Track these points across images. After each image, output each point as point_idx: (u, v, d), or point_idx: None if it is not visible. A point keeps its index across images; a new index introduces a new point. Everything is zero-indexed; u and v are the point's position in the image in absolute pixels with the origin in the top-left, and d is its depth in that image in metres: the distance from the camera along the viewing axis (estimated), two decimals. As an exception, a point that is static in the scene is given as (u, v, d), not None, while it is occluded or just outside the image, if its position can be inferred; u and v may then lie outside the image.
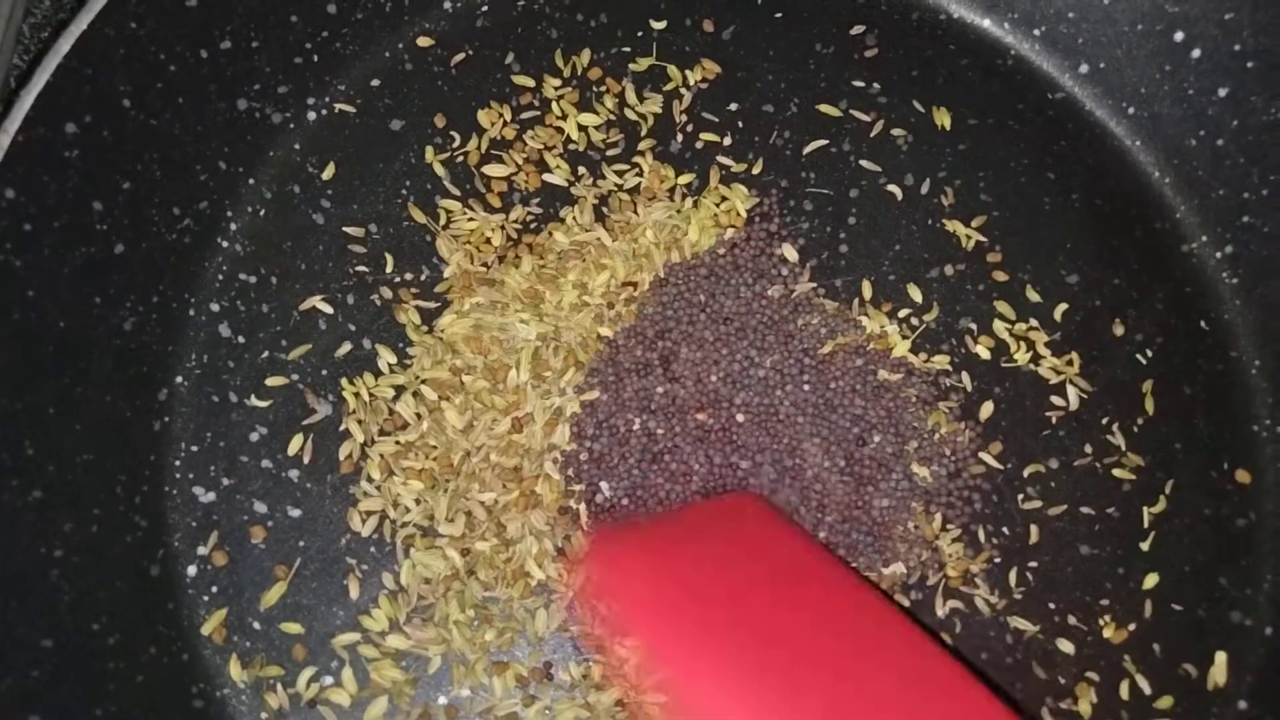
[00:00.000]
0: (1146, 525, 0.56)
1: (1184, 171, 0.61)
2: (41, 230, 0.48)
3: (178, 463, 0.53)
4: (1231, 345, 0.59)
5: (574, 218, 0.58)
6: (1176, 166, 0.61)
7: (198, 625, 0.52)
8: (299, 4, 0.57)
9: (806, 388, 0.56)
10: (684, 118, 0.61)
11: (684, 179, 0.59)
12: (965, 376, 0.57)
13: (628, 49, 0.62)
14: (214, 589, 0.52)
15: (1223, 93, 0.59)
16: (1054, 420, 0.57)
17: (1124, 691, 0.53)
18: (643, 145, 0.60)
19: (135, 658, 0.49)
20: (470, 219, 0.58)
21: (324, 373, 0.55)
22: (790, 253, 0.58)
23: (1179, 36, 0.60)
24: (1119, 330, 0.59)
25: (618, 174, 0.59)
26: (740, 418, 0.55)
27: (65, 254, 0.49)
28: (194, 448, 0.54)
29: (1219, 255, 0.60)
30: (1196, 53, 0.59)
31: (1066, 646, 0.54)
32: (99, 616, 0.48)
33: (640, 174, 0.59)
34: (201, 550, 0.52)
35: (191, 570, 0.52)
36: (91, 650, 0.47)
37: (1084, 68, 0.63)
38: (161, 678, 0.50)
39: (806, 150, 0.61)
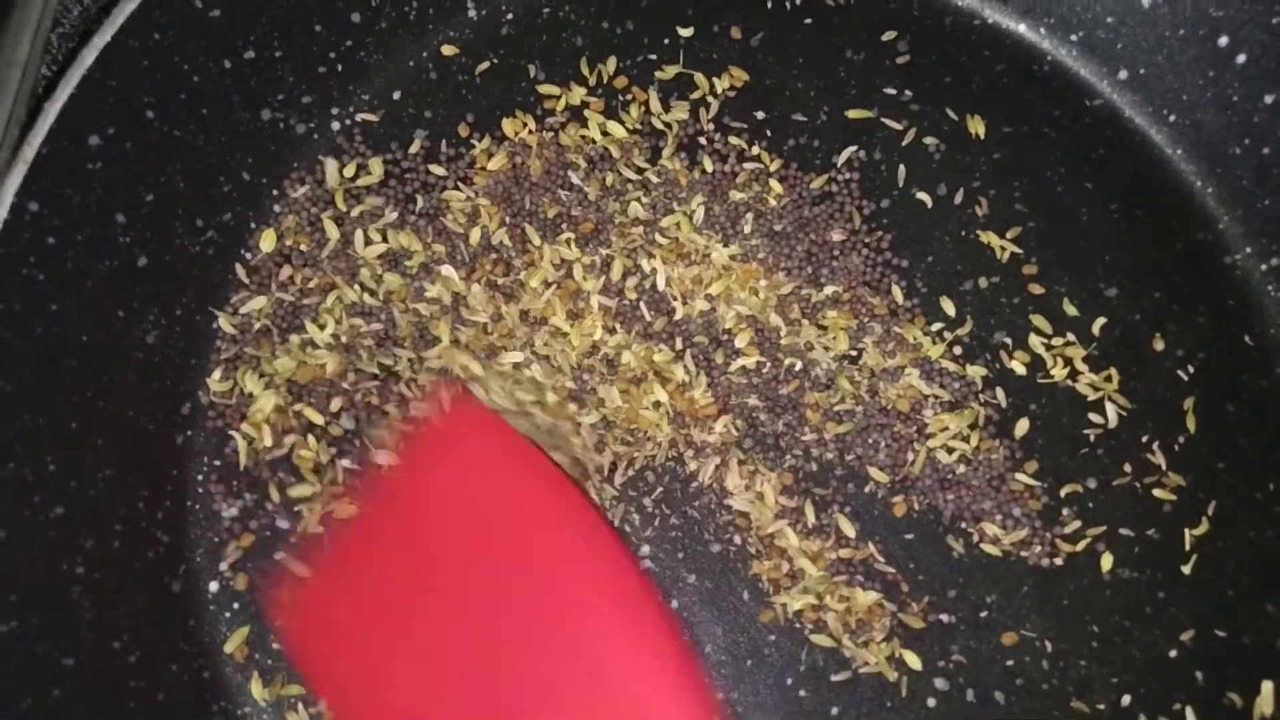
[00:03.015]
0: (1188, 548, 0.54)
1: (1227, 181, 0.59)
2: (65, 243, 0.48)
3: (200, 477, 0.53)
4: (1277, 361, 0.57)
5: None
6: (1220, 176, 0.59)
7: (219, 643, 0.51)
8: (323, 13, 0.57)
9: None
10: (711, 126, 0.60)
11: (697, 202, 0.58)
12: (1000, 392, 0.56)
13: (654, 56, 0.61)
14: (236, 606, 0.52)
15: (1269, 99, 0.57)
16: (1092, 439, 0.56)
17: (1165, 720, 0.52)
18: (666, 154, 0.59)
19: (156, 676, 0.48)
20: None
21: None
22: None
23: (1223, 41, 0.58)
24: (1159, 345, 0.57)
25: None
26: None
27: (88, 267, 0.49)
28: (216, 462, 0.53)
29: (1264, 268, 0.58)
30: (1242, 58, 0.58)
31: (1104, 673, 0.52)
32: (120, 634, 0.48)
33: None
34: (223, 567, 0.52)
35: (214, 586, 0.52)
36: (112, 668, 0.47)
37: (1123, 74, 0.61)
38: (182, 696, 0.49)
39: (837, 160, 0.59)
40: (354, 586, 0.50)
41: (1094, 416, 0.56)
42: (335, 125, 0.59)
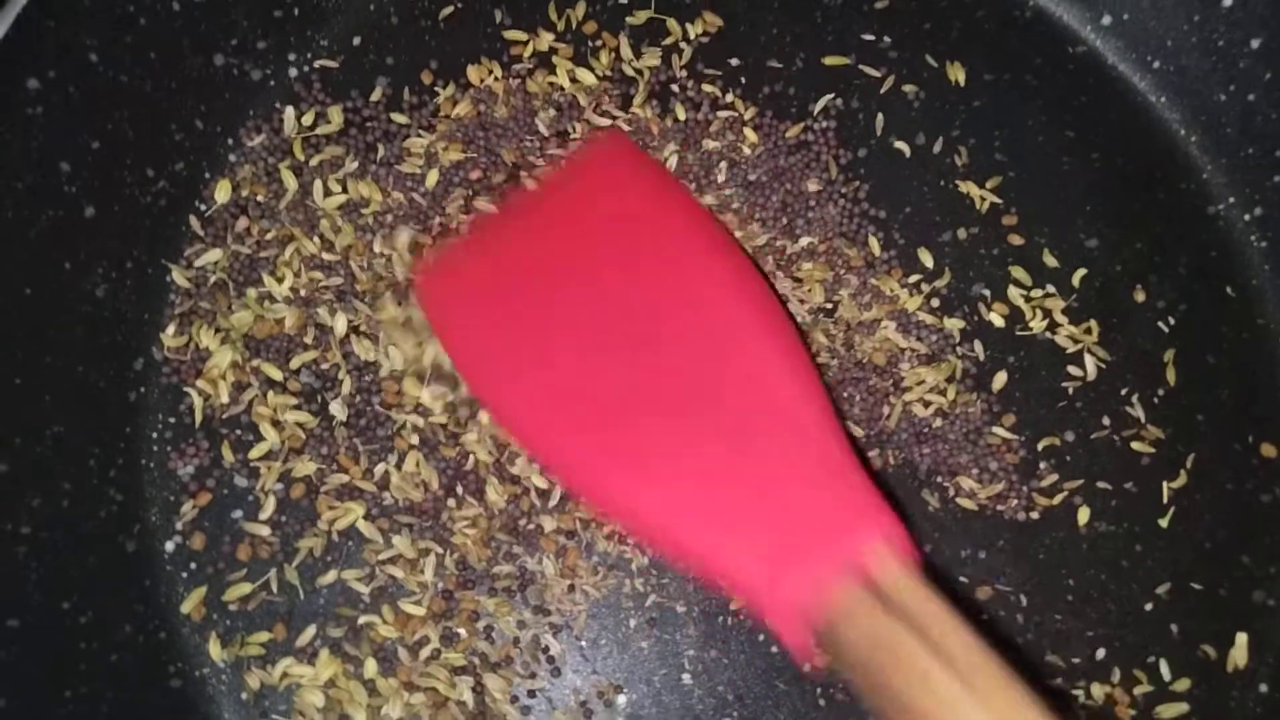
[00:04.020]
0: (1166, 500, 0.53)
1: (1212, 129, 0.58)
2: (4, 191, 0.46)
3: (154, 435, 0.51)
4: (1259, 313, 0.56)
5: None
6: (1204, 124, 0.58)
7: (176, 603, 0.50)
8: (278, -47, 0.54)
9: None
10: (684, 73, 0.58)
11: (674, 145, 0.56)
12: (978, 345, 0.55)
13: (624, 1, 0.59)
14: (193, 565, 0.50)
15: (1255, 44, 0.56)
16: (1070, 391, 0.55)
17: (1140, 673, 0.51)
18: (638, 102, 0.57)
19: (109, 637, 0.47)
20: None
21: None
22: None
23: (1209, -16, 0.57)
24: (1140, 297, 0.56)
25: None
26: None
27: (30, 216, 0.47)
28: (171, 419, 0.52)
29: (1247, 218, 0.57)
30: (1227, 1, 0.56)
31: (1080, 627, 0.51)
32: (70, 594, 0.46)
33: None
34: (179, 526, 0.51)
35: (169, 546, 0.51)
36: (62, 630, 0.46)
37: (1106, 19, 0.59)
38: (137, 657, 0.48)
39: (813, 108, 0.58)
40: (495, 265, 0.49)
41: (1073, 369, 0.55)
42: (293, 72, 0.57)
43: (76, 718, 0.45)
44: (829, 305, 0.55)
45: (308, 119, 0.56)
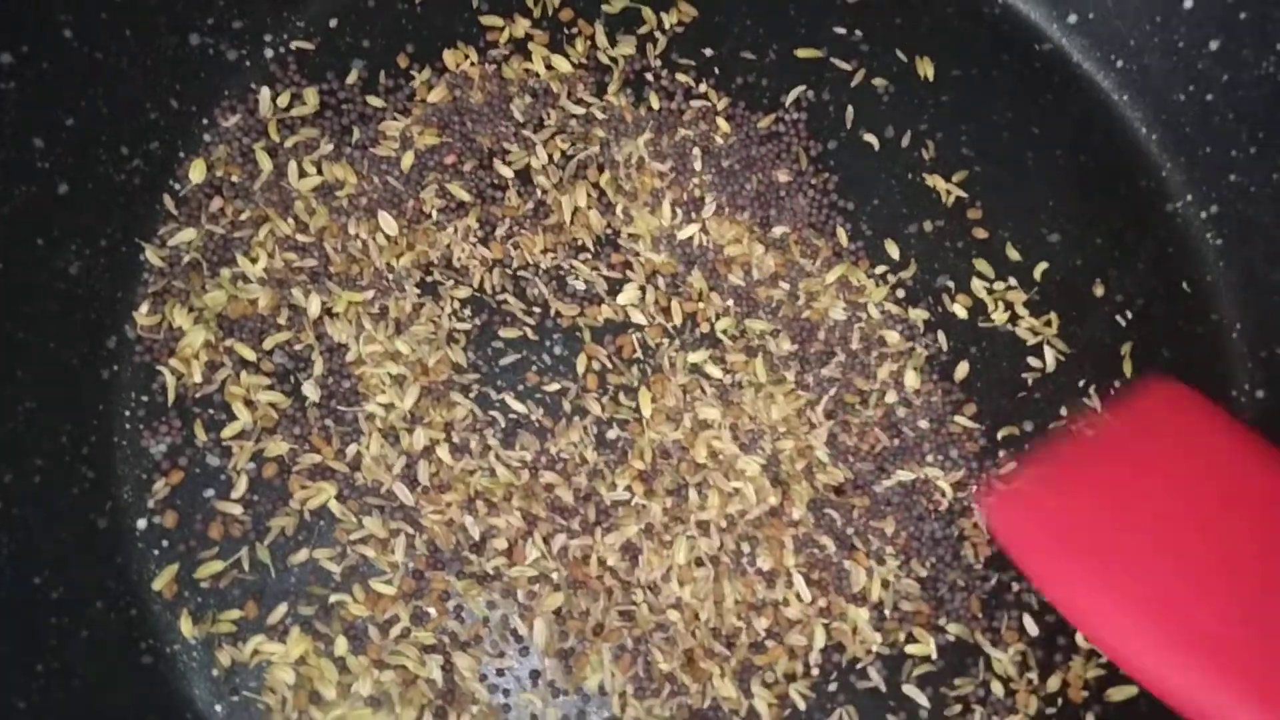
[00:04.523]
0: (1120, 489, 0.55)
1: (1172, 127, 0.59)
2: (-24, 167, 0.46)
3: (127, 413, 0.52)
4: (1213, 308, 0.58)
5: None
6: (1164, 122, 0.60)
7: (148, 580, 0.50)
8: (255, -67, 0.54)
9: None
10: (658, 63, 0.58)
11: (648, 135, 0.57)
12: (941, 335, 0.56)
13: (601, -11, 0.59)
14: (165, 543, 0.51)
15: (1214, 45, 0.57)
16: (1030, 382, 0.56)
17: (1094, 659, 0.53)
18: (612, 89, 0.57)
19: (80, 613, 0.47)
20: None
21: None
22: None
23: (1171, -14, 0.58)
24: (1099, 291, 0.58)
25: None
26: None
27: (3, 192, 0.47)
28: (144, 398, 0.52)
29: (1204, 215, 0.59)
30: (1188, 3, 0.57)
31: (1039, 606, 0.53)
32: (41, 570, 0.46)
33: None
34: (151, 504, 0.51)
35: (141, 524, 0.51)
36: (33, 605, 0.46)
37: (1072, 17, 0.61)
38: (109, 633, 0.48)
39: (785, 100, 0.58)
40: (1073, 501, 0.51)
41: (1033, 360, 0.56)
42: (269, 53, 0.57)
43: (47, 693, 0.45)
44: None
45: (283, 100, 0.56)
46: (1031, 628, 0.52)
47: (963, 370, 0.56)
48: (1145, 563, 0.47)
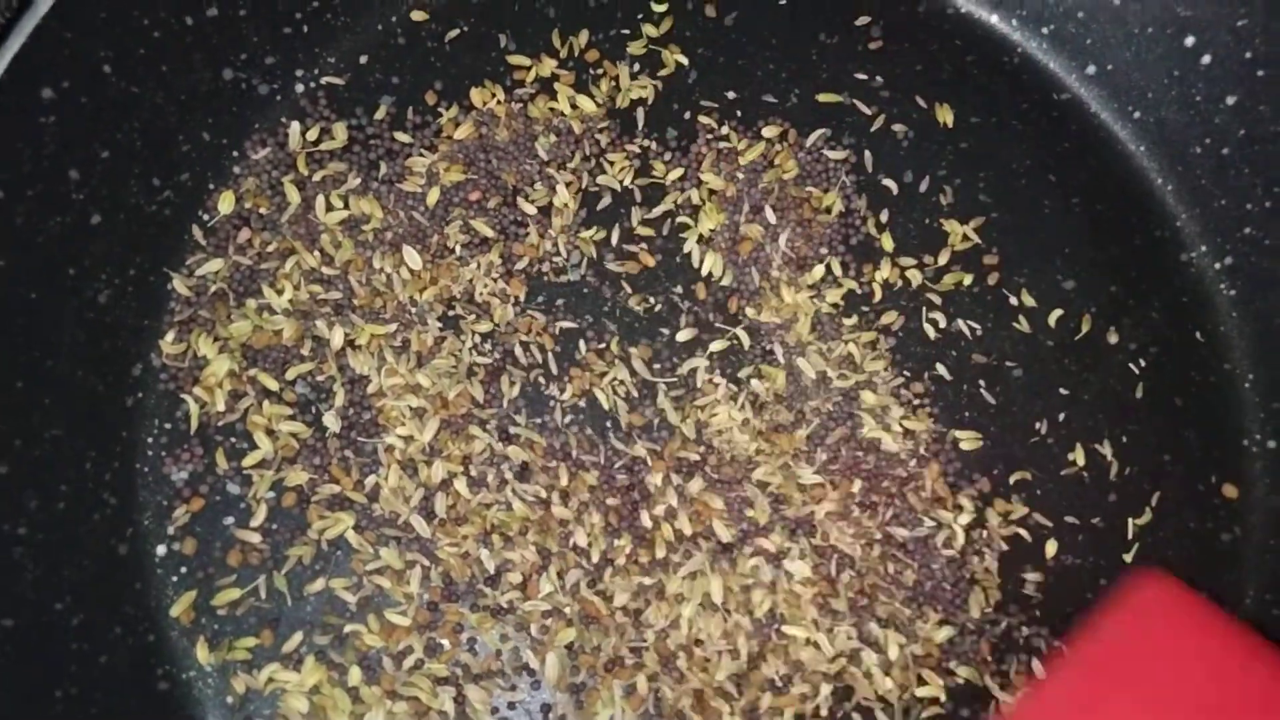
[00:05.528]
0: (1131, 537, 0.55)
1: (1187, 179, 0.60)
2: (14, 198, 0.47)
3: (150, 440, 0.52)
4: (1226, 358, 0.59)
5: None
6: (1180, 174, 0.60)
7: (165, 607, 0.51)
8: (288, -28, 0.56)
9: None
10: (682, 105, 0.59)
11: (674, 174, 0.58)
12: (951, 375, 0.57)
13: (626, 31, 0.60)
14: (183, 570, 0.51)
15: (1231, 101, 0.58)
16: (1043, 429, 0.56)
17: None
18: (637, 130, 0.58)
19: (100, 638, 0.48)
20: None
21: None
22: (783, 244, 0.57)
23: (1189, 41, 0.59)
24: (1113, 339, 0.58)
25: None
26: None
27: (39, 223, 0.48)
28: (167, 425, 0.53)
29: (1218, 266, 0.59)
30: (1206, 59, 0.58)
31: (1048, 651, 0.53)
32: (63, 596, 0.47)
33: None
34: (171, 531, 0.51)
35: (161, 550, 0.51)
36: (54, 630, 0.46)
37: (1091, 69, 0.61)
38: (126, 659, 0.49)
39: (806, 142, 0.59)
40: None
41: (1044, 407, 0.57)
42: (299, 88, 0.58)
43: (66, 718, 0.45)
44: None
45: (312, 134, 0.57)
46: (1040, 672, 0.52)
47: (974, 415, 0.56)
48: None
